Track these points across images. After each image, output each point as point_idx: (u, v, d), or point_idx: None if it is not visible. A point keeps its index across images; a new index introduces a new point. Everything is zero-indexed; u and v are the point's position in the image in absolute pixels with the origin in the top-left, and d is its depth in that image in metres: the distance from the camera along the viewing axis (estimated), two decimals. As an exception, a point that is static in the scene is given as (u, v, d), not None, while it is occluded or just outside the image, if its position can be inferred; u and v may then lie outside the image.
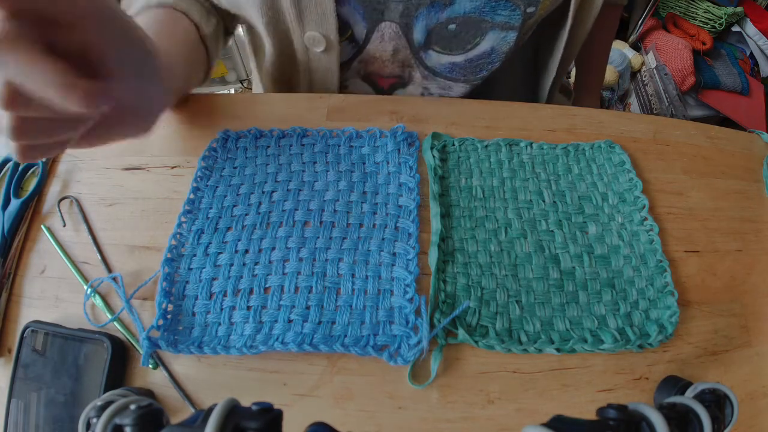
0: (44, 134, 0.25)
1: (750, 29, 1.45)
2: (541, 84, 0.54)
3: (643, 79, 1.47)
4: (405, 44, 0.44)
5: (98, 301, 0.32)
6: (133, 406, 0.20)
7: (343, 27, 0.42)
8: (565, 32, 0.45)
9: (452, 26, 0.42)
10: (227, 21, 0.48)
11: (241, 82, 1.69)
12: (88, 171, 0.39)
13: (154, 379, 0.30)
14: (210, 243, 0.34)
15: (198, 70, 0.43)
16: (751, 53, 1.48)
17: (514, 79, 0.56)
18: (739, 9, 1.44)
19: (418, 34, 0.42)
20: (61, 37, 0.24)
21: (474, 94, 0.50)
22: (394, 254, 0.34)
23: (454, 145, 0.40)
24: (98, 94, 0.24)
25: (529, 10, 0.41)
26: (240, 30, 0.54)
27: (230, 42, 0.53)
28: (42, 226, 0.36)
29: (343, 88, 0.49)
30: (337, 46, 0.41)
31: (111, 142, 0.30)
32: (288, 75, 0.49)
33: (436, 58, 0.45)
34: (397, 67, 0.47)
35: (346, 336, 0.30)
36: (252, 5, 0.40)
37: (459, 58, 0.45)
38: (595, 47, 0.62)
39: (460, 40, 0.43)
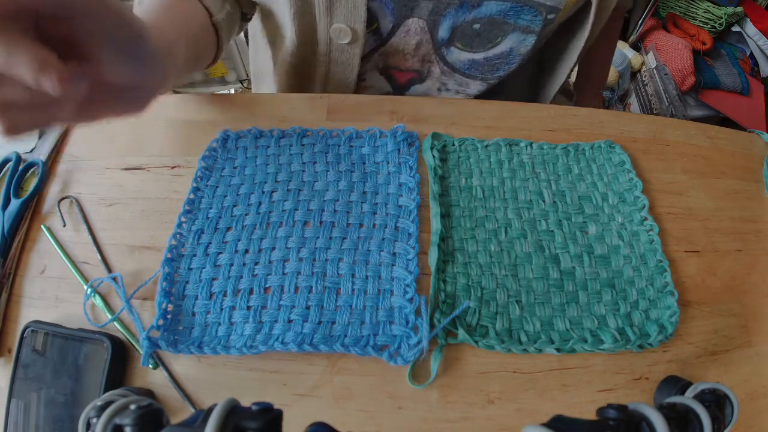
0: (23, 113, 0.25)
1: (750, 29, 1.45)
2: (548, 87, 0.54)
3: (643, 79, 1.47)
4: (428, 39, 0.44)
5: (98, 301, 0.32)
6: (133, 406, 0.20)
7: (370, 20, 0.42)
8: (583, 37, 0.45)
9: (476, 26, 0.43)
10: (246, 7, 0.48)
11: (241, 82, 1.69)
12: (88, 171, 0.39)
13: (154, 379, 0.30)
14: (210, 243, 0.34)
15: (205, 55, 0.43)
16: (751, 53, 1.48)
17: (523, 80, 0.56)
18: (739, 9, 1.44)
19: (443, 32, 0.43)
20: (48, 27, 0.25)
21: (487, 93, 0.50)
22: (394, 254, 0.34)
23: (454, 145, 0.40)
24: (73, 76, 0.24)
25: (550, 16, 0.42)
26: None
27: (233, 39, 0.53)
28: (42, 226, 0.36)
29: (360, 81, 0.50)
30: (362, 39, 0.42)
31: (103, 119, 0.30)
32: (306, 67, 0.49)
33: (457, 55, 0.46)
34: (417, 62, 0.47)
35: (346, 336, 0.30)
36: None
37: (479, 56, 0.46)
38: (597, 52, 0.63)
39: (483, 38, 0.44)
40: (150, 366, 0.30)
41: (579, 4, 0.43)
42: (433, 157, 0.38)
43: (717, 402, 0.24)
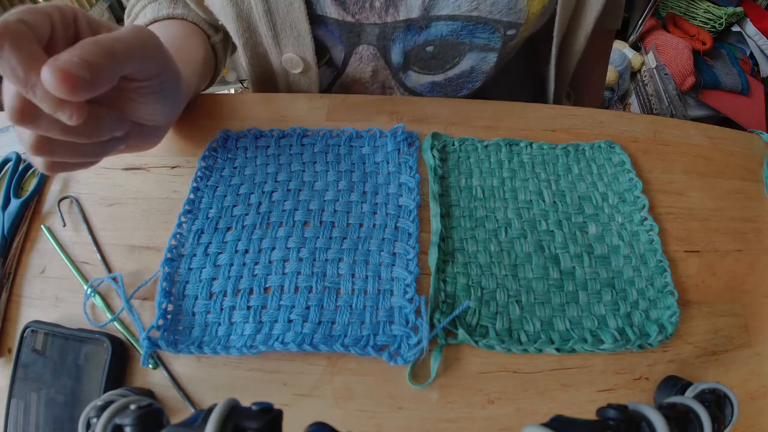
0: (62, 151, 0.26)
1: (750, 29, 1.45)
2: (545, 99, 0.53)
3: (643, 79, 1.47)
4: (384, 65, 0.43)
5: (98, 301, 0.32)
6: (133, 406, 0.20)
7: (322, 50, 0.42)
8: (553, 52, 0.44)
9: (430, 48, 0.41)
10: None
11: (241, 82, 1.69)
12: (88, 171, 0.39)
13: (154, 379, 0.30)
14: (210, 243, 0.34)
15: (206, 79, 0.44)
16: (751, 53, 1.48)
17: (512, 92, 0.55)
18: (739, 9, 1.44)
19: (395, 56, 0.42)
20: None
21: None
22: (394, 254, 0.34)
23: (454, 145, 0.40)
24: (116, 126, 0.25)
25: (510, 32, 0.40)
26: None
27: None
28: (42, 226, 0.36)
29: None
30: (315, 67, 0.41)
31: (120, 153, 0.32)
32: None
33: (416, 78, 0.45)
34: (378, 89, 0.46)
35: (346, 336, 0.30)
36: (229, 25, 0.40)
37: (438, 78, 0.45)
38: (589, 77, 0.61)
39: (439, 61, 0.43)
40: (150, 366, 0.30)
41: (545, 18, 0.42)
42: (433, 157, 0.38)
43: (717, 402, 0.24)
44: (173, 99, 0.31)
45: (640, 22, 1.43)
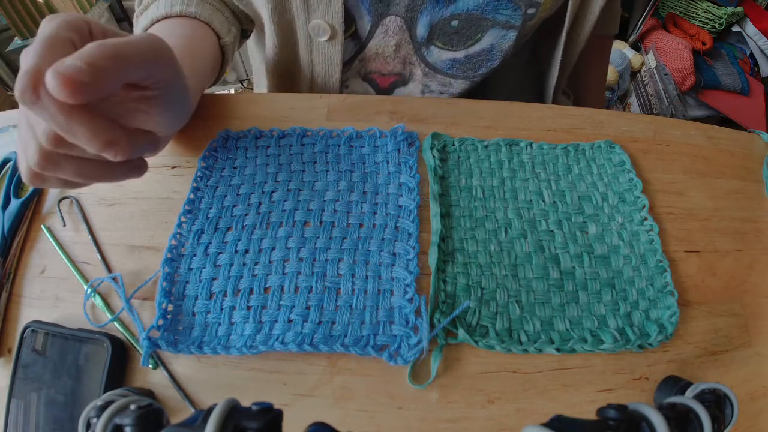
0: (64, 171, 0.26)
1: (750, 29, 1.45)
2: (545, 89, 0.54)
3: (643, 79, 1.47)
4: (408, 39, 0.44)
5: (98, 301, 0.32)
6: (133, 406, 0.20)
7: (348, 21, 0.42)
8: (563, 36, 0.45)
9: (455, 22, 0.42)
10: (245, 24, 0.49)
11: (241, 82, 1.69)
12: (88, 171, 0.39)
13: (154, 379, 0.30)
14: (210, 243, 0.34)
15: (211, 81, 0.44)
16: (751, 53, 1.48)
17: (515, 82, 0.56)
18: (739, 9, 1.44)
19: (421, 29, 0.43)
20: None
21: (474, 93, 0.50)
22: (394, 254, 0.34)
23: (454, 145, 0.40)
24: (133, 147, 0.25)
25: (530, 11, 0.42)
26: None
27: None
28: (42, 226, 0.36)
29: (343, 88, 0.50)
30: (341, 35, 0.42)
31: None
32: (289, 70, 0.49)
33: (437, 54, 0.46)
34: (399, 64, 0.47)
35: (346, 336, 0.30)
36: None
37: (459, 54, 0.45)
38: (590, 79, 0.63)
39: (462, 36, 0.44)
40: (150, 366, 0.30)
41: (560, 1, 0.43)
42: (433, 157, 0.38)
43: (717, 402, 0.24)
44: (181, 110, 0.31)
45: (640, 22, 1.43)
